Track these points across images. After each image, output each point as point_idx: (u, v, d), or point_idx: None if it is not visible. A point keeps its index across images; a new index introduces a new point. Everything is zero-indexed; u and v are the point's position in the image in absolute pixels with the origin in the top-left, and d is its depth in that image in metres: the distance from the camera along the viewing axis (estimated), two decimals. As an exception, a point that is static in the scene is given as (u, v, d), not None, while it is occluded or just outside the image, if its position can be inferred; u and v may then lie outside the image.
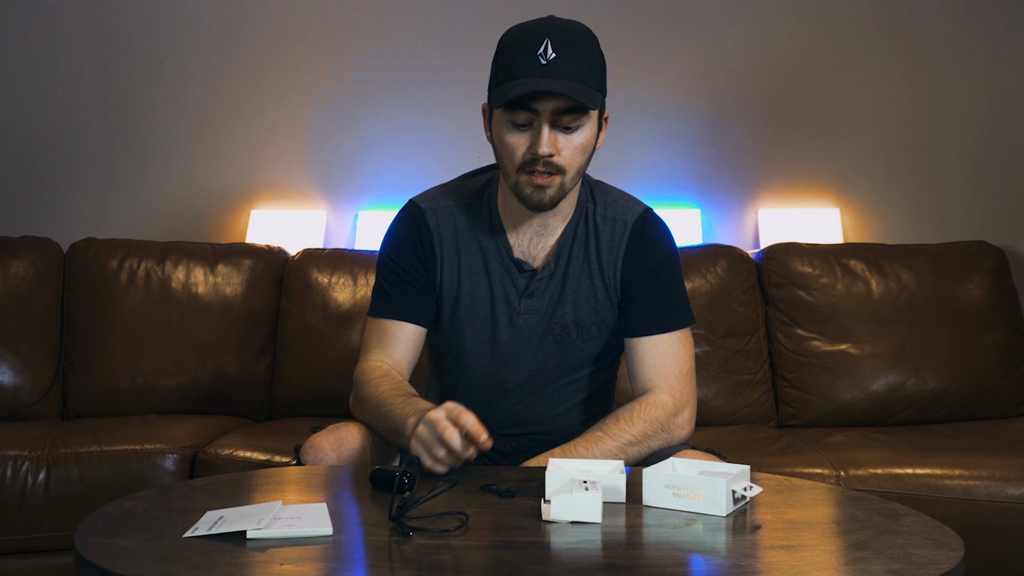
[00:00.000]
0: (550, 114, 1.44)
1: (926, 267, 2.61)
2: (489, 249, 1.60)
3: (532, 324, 1.59)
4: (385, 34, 3.05)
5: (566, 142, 1.47)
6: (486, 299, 1.60)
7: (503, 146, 1.49)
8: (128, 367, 2.58)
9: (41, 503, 2.10)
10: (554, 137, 1.45)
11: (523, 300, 1.59)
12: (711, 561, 1.06)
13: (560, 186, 1.48)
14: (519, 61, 1.43)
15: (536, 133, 1.45)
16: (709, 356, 2.54)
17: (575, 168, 1.49)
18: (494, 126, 1.51)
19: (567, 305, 1.59)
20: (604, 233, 1.60)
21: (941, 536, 1.10)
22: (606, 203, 1.63)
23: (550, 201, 1.49)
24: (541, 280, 1.59)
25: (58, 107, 3.09)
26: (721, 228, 3.01)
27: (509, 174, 1.50)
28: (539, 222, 1.58)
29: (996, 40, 2.96)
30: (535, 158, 1.45)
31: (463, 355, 1.63)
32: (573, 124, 1.46)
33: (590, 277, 1.60)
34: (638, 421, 1.52)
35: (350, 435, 1.52)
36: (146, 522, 1.15)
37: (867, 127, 3.00)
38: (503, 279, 1.59)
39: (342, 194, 3.07)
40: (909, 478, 1.98)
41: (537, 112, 1.44)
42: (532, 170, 1.46)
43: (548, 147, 1.44)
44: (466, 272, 1.60)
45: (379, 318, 1.62)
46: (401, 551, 1.04)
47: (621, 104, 3.00)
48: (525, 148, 1.46)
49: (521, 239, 1.59)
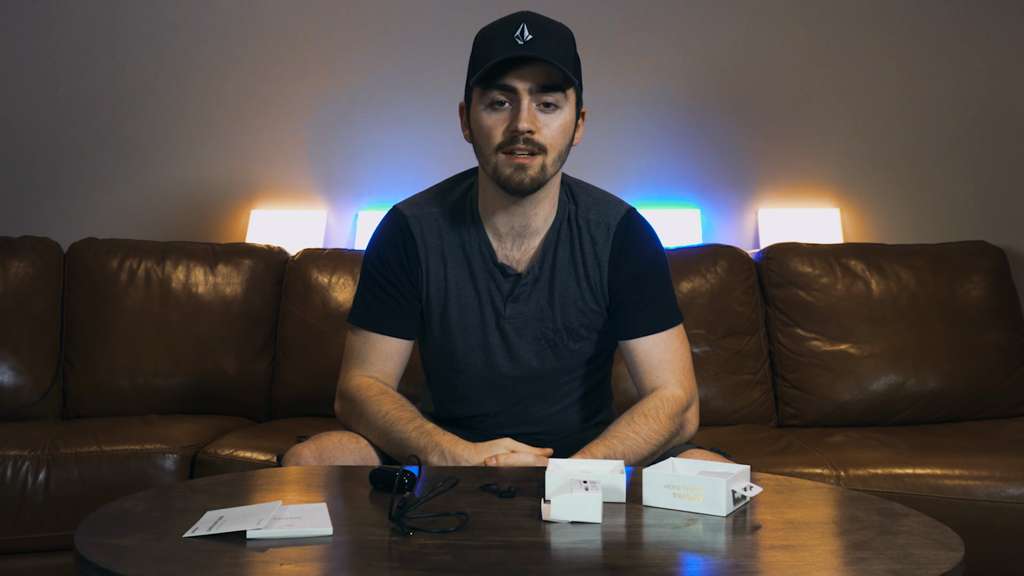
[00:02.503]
0: (529, 91, 1.43)
1: (926, 267, 2.61)
2: (473, 255, 1.58)
3: (520, 328, 1.58)
4: (385, 34, 3.05)
5: (547, 120, 1.45)
6: (474, 305, 1.59)
7: (480, 130, 1.48)
8: (128, 367, 2.58)
9: (41, 503, 2.10)
10: (534, 114, 1.44)
11: (508, 304, 1.58)
12: (711, 561, 1.06)
13: (542, 167, 1.46)
14: (496, 45, 1.44)
15: (516, 110, 1.44)
16: (709, 356, 2.54)
17: (556, 150, 1.47)
18: (472, 113, 1.50)
19: (556, 308, 1.58)
20: (587, 237, 1.59)
21: (941, 536, 1.10)
22: (588, 205, 1.61)
23: (531, 183, 1.46)
24: (526, 284, 1.57)
25: (59, 107, 3.09)
26: (721, 228, 3.01)
27: (488, 158, 1.48)
28: (521, 222, 1.56)
29: (996, 40, 2.96)
30: (515, 136, 1.44)
31: (455, 361, 1.63)
32: (552, 101, 1.45)
33: (576, 280, 1.58)
34: (665, 420, 1.52)
35: (332, 444, 1.54)
36: (146, 522, 1.15)
37: (867, 127, 3.00)
38: (488, 284, 1.58)
39: (342, 194, 3.07)
40: (909, 478, 1.98)
41: (515, 90, 1.43)
42: (512, 149, 1.45)
43: (528, 122, 1.43)
44: (452, 279, 1.59)
45: (363, 329, 1.61)
46: (401, 551, 1.04)
47: (620, 104, 3.01)
48: (504, 127, 1.45)
49: (504, 243, 1.58)
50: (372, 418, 1.53)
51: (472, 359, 1.61)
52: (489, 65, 1.42)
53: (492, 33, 1.47)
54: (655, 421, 1.51)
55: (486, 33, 1.49)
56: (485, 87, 1.45)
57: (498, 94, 1.44)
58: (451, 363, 1.63)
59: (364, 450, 1.55)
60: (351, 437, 1.56)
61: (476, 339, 1.60)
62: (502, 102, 1.45)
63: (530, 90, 1.43)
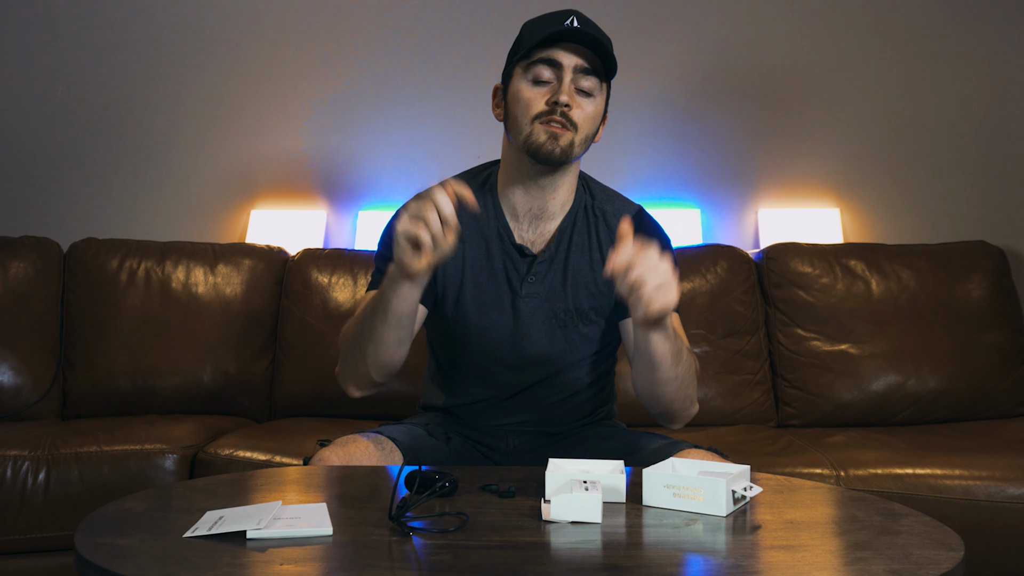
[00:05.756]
0: (572, 70, 1.52)
1: (926, 267, 2.61)
2: (491, 237, 1.63)
3: (534, 308, 1.62)
4: (385, 34, 3.05)
5: (582, 102, 1.54)
6: (490, 285, 1.62)
7: (518, 102, 1.55)
8: (128, 367, 2.58)
9: (41, 503, 2.10)
10: (572, 92, 1.53)
11: (524, 284, 1.62)
12: (711, 561, 1.06)
13: (571, 143, 1.54)
14: (545, 27, 1.53)
15: (558, 84, 1.52)
16: (709, 356, 2.54)
17: (584, 133, 1.56)
18: (511, 88, 1.57)
19: (568, 290, 1.62)
20: (603, 226, 1.65)
21: (941, 536, 1.10)
22: (603, 199, 1.69)
23: (561, 153, 1.53)
24: (542, 264, 1.62)
25: (59, 107, 3.09)
26: (721, 228, 3.01)
27: (522, 128, 1.55)
28: (539, 204, 1.62)
29: (996, 40, 2.96)
30: (553, 108, 1.52)
31: (468, 340, 1.64)
32: (589, 88, 1.54)
33: (591, 264, 1.63)
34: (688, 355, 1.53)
35: (359, 450, 1.52)
36: (146, 522, 1.15)
37: (867, 127, 3.00)
38: (506, 264, 1.62)
39: (342, 194, 3.07)
40: (909, 478, 1.98)
41: (560, 66, 1.52)
42: (549, 119, 1.52)
43: (568, 96, 1.51)
44: (470, 260, 1.63)
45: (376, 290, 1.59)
46: (401, 551, 1.04)
47: (621, 104, 3.00)
48: (545, 99, 1.53)
49: (520, 225, 1.64)
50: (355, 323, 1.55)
51: (486, 338, 1.63)
52: (543, 35, 1.50)
53: (542, 21, 1.55)
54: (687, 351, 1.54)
55: (535, 21, 1.57)
56: (531, 62, 1.53)
57: (543, 68, 1.53)
58: (463, 342, 1.65)
59: (391, 455, 1.53)
60: (377, 443, 1.55)
61: (490, 318, 1.62)
62: (544, 81, 1.53)
63: (574, 68, 1.52)
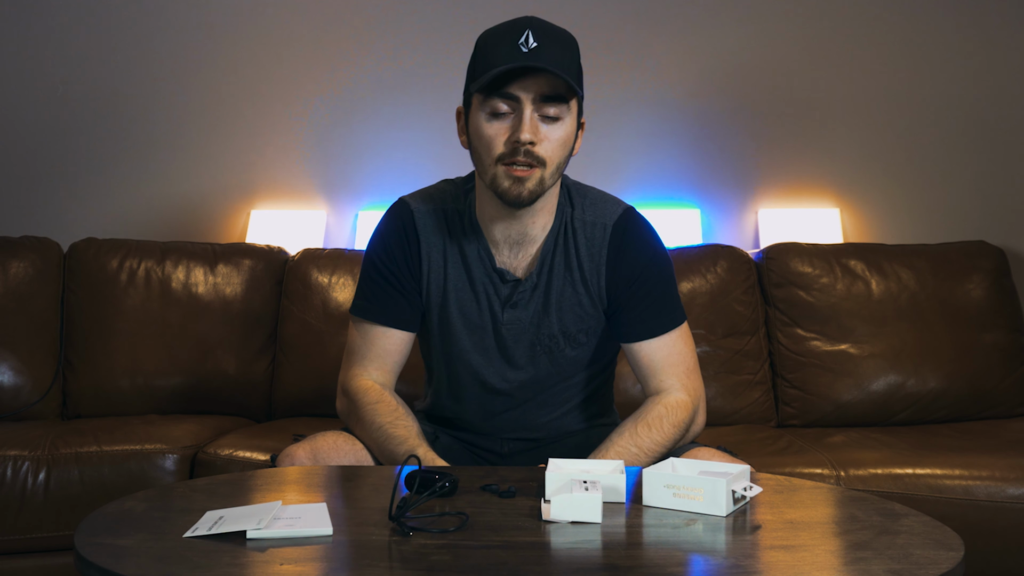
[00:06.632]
0: (532, 101, 1.40)
1: (926, 267, 2.61)
2: (472, 258, 1.57)
3: (517, 335, 1.57)
4: (385, 34, 3.05)
5: (548, 132, 1.42)
6: (473, 308, 1.57)
7: (480, 139, 1.44)
8: (128, 367, 2.58)
9: (41, 503, 2.09)
10: (536, 125, 1.41)
11: (506, 310, 1.56)
12: (711, 561, 1.06)
13: (540, 180, 1.43)
14: (500, 51, 1.40)
15: (517, 120, 1.41)
16: (709, 356, 2.53)
17: (555, 163, 1.45)
18: (471, 120, 1.46)
19: (552, 315, 1.56)
20: (583, 239, 1.56)
21: (941, 536, 1.10)
22: (584, 206, 1.58)
23: (529, 196, 1.44)
24: (524, 291, 1.55)
25: (59, 107, 3.09)
26: (721, 228, 3.01)
27: (486, 168, 1.45)
28: (519, 230, 1.53)
29: (996, 40, 2.96)
30: (516, 148, 1.41)
31: (453, 363, 1.61)
32: (554, 113, 1.42)
33: (573, 285, 1.56)
34: (668, 428, 1.50)
35: (327, 444, 1.53)
36: (146, 522, 1.15)
37: (867, 127, 3.00)
38: (486, 288, 1.56)
39: (342, 194, 3.07)
40: (909, 478, 1.98)
41: (518, 99, 1.40)
42: (512, 161, 1.42)
43: (530, 133, 1.40)
44: (452, 280, 1.58)
45: (365, 321, 1.60)
46: (401, 551, 1.04)
47: (621, 104, 3.01)
48: (505, 137, 1.42)
49: (502, 249, 1.56)
50: (368, 427, 1.53)
51: (469, 362, 1.60)
52: (493, 73, 1.38)
53: (496, 38, 1.43)
54: (658, 432, 1.49)
55: (489, 38, 1.45)
56: (487, 95, 1.42)
57: (500, 103, 1.41)
58: (448, 364, 1.63)
59: (359, 452, 1.54)
60: (346, 438, 1.56)
61: (473, 342, 1.58)
62: (503, 112, 1.42)
63: (533, 100, 1.40)
